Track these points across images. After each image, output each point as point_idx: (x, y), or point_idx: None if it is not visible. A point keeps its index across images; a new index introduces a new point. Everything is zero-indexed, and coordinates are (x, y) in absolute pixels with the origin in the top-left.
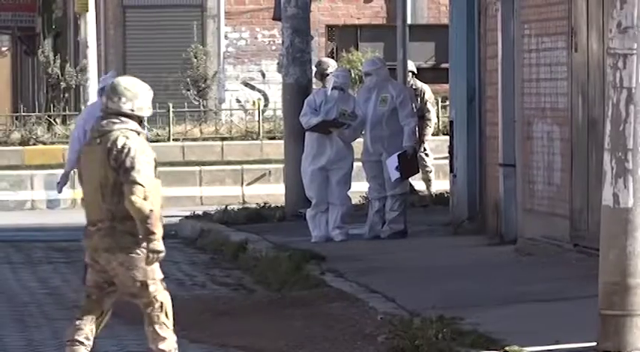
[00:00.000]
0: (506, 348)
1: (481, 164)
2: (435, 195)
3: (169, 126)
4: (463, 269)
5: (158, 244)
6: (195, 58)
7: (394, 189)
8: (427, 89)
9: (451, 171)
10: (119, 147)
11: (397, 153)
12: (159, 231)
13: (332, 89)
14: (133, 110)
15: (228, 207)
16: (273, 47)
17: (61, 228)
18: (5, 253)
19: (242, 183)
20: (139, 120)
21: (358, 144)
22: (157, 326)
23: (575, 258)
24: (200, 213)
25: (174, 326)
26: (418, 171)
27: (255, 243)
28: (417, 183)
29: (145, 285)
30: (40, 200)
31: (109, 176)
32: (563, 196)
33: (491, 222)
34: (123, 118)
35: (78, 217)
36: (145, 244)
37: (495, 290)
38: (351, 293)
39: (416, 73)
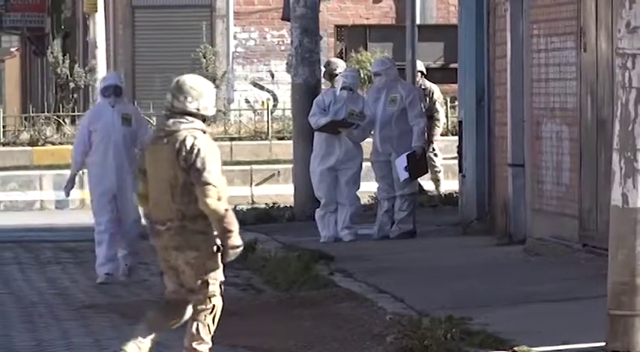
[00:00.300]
0: (515, 348)
1: (490, 164)
2: (444, 195)
3: None
4: (472, 270)
5: (236, 239)
6: (204, 58)
7: (403, 189)
8: (436, 89)
9: (460, 171)
10: (188, 147)
11: (406, 154)
12: (236, 228)
13: (341, 89)
14: (198, 109)
15: (237, 208)
16: (282, 47)
17: (69, 229)
18: (14, 253)
19: (251, 184)
20: (203, 118)
21: (367, 145)
22: (200, 325)
23: (583, 258)
24: None
25: (182, 325)
26: (427, 172)
27: (264, 243)
28: (426, 183)
29: (205, 283)
30: (49, 200)
31: (179, 176)
32: (572, 196)
33: (500, 222)
34: (189, 118)
35: (86, 217)
36: (215, 242)
37: (504, 291)
38: (360, 293)
39: (425, 73)
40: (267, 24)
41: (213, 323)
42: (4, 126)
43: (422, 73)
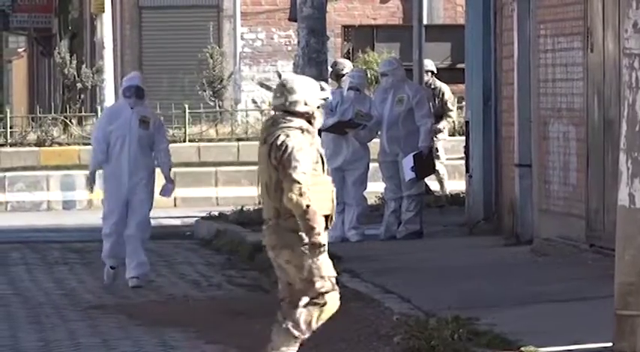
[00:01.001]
0: (522, 349)
1: (497, 164)
2: (451, 195)
3: (185, 127)
4: (479, 270)
5: (319, 238)
6: (211, 58)
7: (410, 189)
8: (446, 89)
9: (467, 171)
10: (278, 144)
11: (413, 154)
12: (319, 226)
13: (348, 90)
14: (296, 107)
15: (244, 208)
16: (289, 48)
17: (76, 229)
18: (21, 254)
19: (258, 184)
20: (307, 116)
21: (374, 145)
22: (304, 313)
23: (591, 258)
24: (216, 213)
25: (189, 326)
26: (434, 172)
27: None
28: (433, 183)
29: (310, 282)
30: (56, 201)
31: (272, 174)
32: (579, 196)
33: (507, 222)
34: (288, 116)
35: (94, 218)
36: (306, 240)
37: (511, 291)
38: (367, 293)
39: (436, 72)
40: (274, 24)
41: (317, 320)
42: (11, 127)
43: (432, 72)
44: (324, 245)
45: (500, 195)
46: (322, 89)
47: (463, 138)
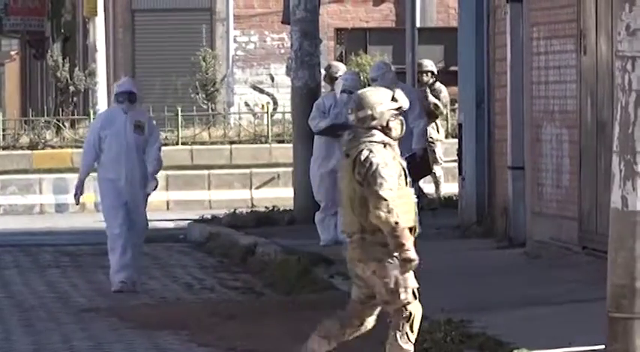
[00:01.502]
0: (515, 351)
1: (490, 167)
2: (444, 197)
3: (178, 130)
4: (471, 272)
5: (410, 253)
6: (204, 61)
7: None
8: (444, 90)
9: (460, 173)
10: (362, 160)
11: (405, 156)
12: (408, 241)
13: (341, 92)
14: (364, 122)
15: (237, 211)
16: (282, 50)
17: (69, 232)
18: (14, 257)
19: (251, 187)
20: (381, 129)
21: None
22: (398, 334)
23: (583, 260)
24: (209, 216)
25: (181, 329)
26: (429, 173)
27: (263, 247)
28: (427, 186)
29: (396, 293)
30: (49, 204)
31: (356, 189)
32: (571, 199)
33: (500, 224)
34: (368, 131)
35: (86, 221)
36: (395, 254)
37: (504, 293)
38: None
39: (436, 73)
40: (267, 27)
41: (412, 331)
42: (3, 130)
43: (432, 73)
44: (414, 259)
45: (493, 198)
46: (395, 99)
47: (456, 140)
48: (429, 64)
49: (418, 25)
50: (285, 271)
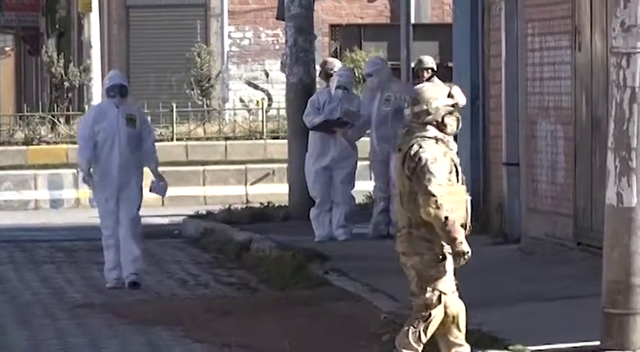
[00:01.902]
0: (510, 347)
1: (485, 163)
2: None
3: (173, 126)
4: (466, 269)
5: (462, 246)
6: (199, 57)
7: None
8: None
9: None
10: (412, 155)
11: None
12: (460, 235)
13: (336, 88)
14: (419, 118)
15: (232, 207)
16: (277, 46)
17: (64, 228)
18: (9, 253)
19: (246, 183)
20: (436, 124)
21: (363, 144)
22: (411, 330)
23: (578, 256)
24: (204, 212)
25: (176, 325)
26: None
27: (258, 243)
28: None
29: (423, 291)
30: (44, 200)
31: (405, 183)
32: (566, 195)
33: (495, 221)
34: (422, 126)
35: (81, 217)
36: (440, 250)
37: (499, 289)
38: (355, 292)
39: (435, 69)
40: (262, 23)
41: (425, 333)
42: None
43: (432, 69)
44: (467, 252)
45: (488, 194)
46: (451, 95)
47: None
48: (429, 61)
49: (413, 21)
50: (279, 267)
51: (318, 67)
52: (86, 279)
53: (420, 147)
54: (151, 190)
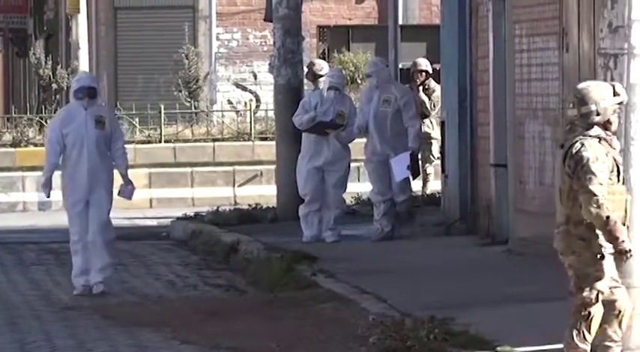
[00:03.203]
0: (498, 348)
1: (473, 164)
2: (427, 195)
3: (161, 128)
4: (455, 270)
5: (625, 245)
6: (187, 59)
7: (400, 195)
8: (437, 89)
9: (443, 171)
10: (573, 153)
11: (408, 153)
12: (622, 234)
13: (327, 90)
14: (588, 118)
15: (220, 208)
16: (265, 48)
17: (52, 230)
18: None
19: (234, 184)
20: (605, 124)
21: (355, 145)
22: (574, 332)
23: None
24: (192, 214)
25: (164, 326)
26: (418, 174)
27: (246, 244)
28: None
29: (581, 289)
30: (32, 202)
31: (565, 180)
32: (554, 196)
33: (483, 222)
34: (585, 125)
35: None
36: (599, 249)
37: (487, 291)
38: (343, 294)
39: (430, 72)
40: (250, 25)
41: (589, 331)
42: None
43: (427, 72)
44: (630, 250)
45: (476, 195)
46: (616, 93)
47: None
48: (424, 63)
49: (400, 22)
50: (268, 269)
51: (305, 69)
52: None
53: (582, 145)
54: (119, 194)
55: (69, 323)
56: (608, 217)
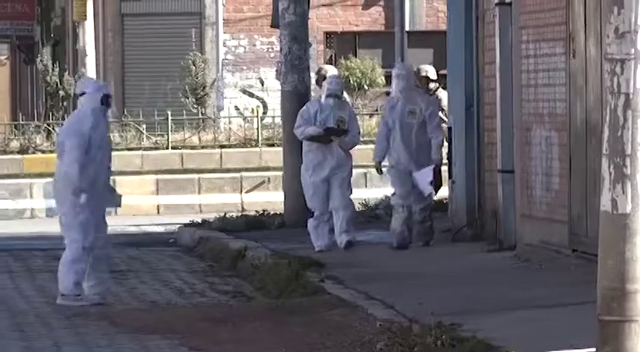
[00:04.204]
0: None
1: (480, 170)
2: (434, 201)
3: (168, 134)
4: (462, 276)
5: None
6: (194, 65)
7: (421, 202)
8: (444, 96)
9: (450, 177)
10: None
11: (432, 167)
12: None
13: (327, 97)
14: None
15: (227, 215)
16: (272, 54)
17: (60, 237)
18: (4, 262)
19: (241, 191)
20: None
21: (362, 151)
22: None
23: (573, 263)
24: (199, 220)
25: (172, 333)
26: (442, 185)
27: (254, 251)
28: None
29: None
30: (40, 208)
31: None
32: (561, 202)
33: (490, 228)
34: None
35: None
36: None
37: (494, 297)
38: (350, 300)
39: (433, 78)
40: (257, 31)
41: None
42: None
43: (427, 78)
44: None
45: (483, 201)
46: None
47: (446, 144)
48: (424, 70)
49: (407, 28)
50: (275, 275)
51: (313, 75)
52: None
53: None
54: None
55: (76, 330)
56: None
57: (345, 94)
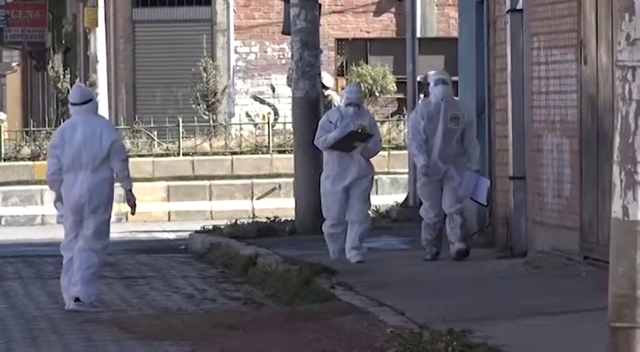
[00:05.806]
0: None
1: (491, 177)
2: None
3: (179, 141)
4: (473, 282)
5: None
6: (205, 72)
7: (455, 205)
8: None
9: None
10: None
11: (488, 180)
12: None
13: (346, 106)
14: None
15: (238, 221)
16: (283, 61)
17: None
18: (15, 268)
19: (252, 197)
20: None
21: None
22: None
23: (585, 270)
24: (210, 227)
25: (183, 340)
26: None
27: (265, 257)
28: None
29: None
30: (50, 215)
31: None
32: (572, 208)
33: (501, 234)
34: None
35: None
36: None
37: (505, 304)
38: (361, 306)
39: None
40: (268, 38)
41: None
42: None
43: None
44: None
45: (494, 208)
46: None
47: None
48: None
49: (419, 35)
50: (286, 282)
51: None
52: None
53: None
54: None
55: (87, 336)
56: None
57: None
